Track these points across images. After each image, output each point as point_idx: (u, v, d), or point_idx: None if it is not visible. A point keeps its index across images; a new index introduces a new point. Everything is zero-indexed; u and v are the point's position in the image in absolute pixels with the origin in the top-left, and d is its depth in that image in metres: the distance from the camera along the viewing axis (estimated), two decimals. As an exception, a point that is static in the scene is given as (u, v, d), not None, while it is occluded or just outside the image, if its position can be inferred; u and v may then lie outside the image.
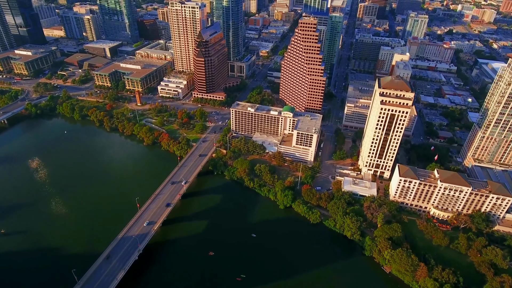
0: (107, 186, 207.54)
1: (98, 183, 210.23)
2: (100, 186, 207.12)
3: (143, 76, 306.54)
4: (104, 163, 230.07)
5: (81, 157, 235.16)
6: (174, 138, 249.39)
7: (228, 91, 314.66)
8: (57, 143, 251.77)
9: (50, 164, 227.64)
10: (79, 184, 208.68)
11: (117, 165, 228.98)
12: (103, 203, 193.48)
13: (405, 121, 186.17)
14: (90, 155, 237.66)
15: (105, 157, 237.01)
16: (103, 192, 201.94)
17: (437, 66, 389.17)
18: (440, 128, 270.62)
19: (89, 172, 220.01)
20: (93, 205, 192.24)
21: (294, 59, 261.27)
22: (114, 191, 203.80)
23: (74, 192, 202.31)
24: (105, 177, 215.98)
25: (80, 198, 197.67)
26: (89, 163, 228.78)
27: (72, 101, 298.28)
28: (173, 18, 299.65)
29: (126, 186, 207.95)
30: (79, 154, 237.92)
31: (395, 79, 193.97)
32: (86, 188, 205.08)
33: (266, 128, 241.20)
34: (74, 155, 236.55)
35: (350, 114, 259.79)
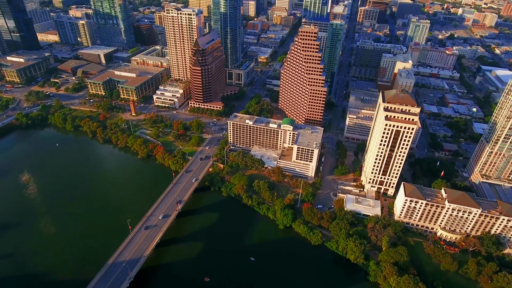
0: (98, 204, 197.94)
1: (89, 200, 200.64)
2: (91, 204, 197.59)
3: (138, 84, 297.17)
4: (96, 178, 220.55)
5: (72, 172, 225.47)
6: (169, 151, 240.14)
7: (226, 100, 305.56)
8: (47, 156, 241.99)
9: (40, 179, 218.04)
10: (69, 202, 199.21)
11: (109, 180, 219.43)
12: (94, 223, 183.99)
13: (411, 137, 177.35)
14: (82, 170, 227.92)
15: (97, 171, 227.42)
16: (94, 211, 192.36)
17: (440, 73, 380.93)
18: (444, 140, 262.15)
19: (80, 188, 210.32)
20: (83, 225, 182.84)
21: (294, 68, 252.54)
22: (105, 209, 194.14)
23: (64, 210, 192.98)
24: (97, 193, 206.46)
25: (70, 217, 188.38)
26: (80, 179, 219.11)
27: (65, 110, 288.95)
28: (169, 25, 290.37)
29: (119, 204, 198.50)
30: (70, 169, 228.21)
31: (400, 93, 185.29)
32: (76, 206, 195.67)
33: (265, 141, 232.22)
34: (65, 170, 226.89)
35: (352, 125, 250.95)
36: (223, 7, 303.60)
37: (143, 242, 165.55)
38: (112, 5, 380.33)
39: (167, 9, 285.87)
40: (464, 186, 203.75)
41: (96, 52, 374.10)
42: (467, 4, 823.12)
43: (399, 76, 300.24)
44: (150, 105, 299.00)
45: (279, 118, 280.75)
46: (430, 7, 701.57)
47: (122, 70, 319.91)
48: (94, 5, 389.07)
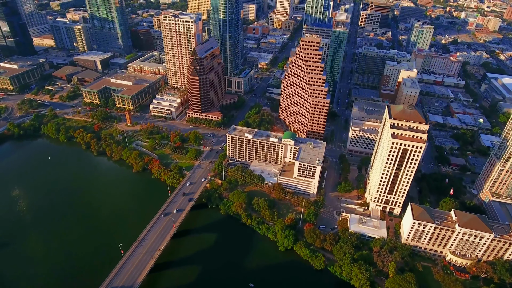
0: (89, 224, 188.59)
1: (80, 220, 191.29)
2: (82, 224, 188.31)
3: (134, 93, 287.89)
4: (89, 194, 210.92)
5: (63, 188, 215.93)
6: (165, 164, 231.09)
7: (225, 109, 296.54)
8: (39, 170, 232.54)
9: (29, 195, 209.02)
10: (59, 221, 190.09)
11: (102, 196, 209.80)
12: (84, 245, 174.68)
13: (419, 156, 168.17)
14: (74, 186, 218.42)
15: (90, 187, 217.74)
16: (84, 232, 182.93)
17: (444, 80, 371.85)
18: (451, 153, 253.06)
19: (71, 206, 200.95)
20: (72, 248, 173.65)
21: (295, 78, 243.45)
22: (97, 230, 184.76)
23: (53, 230, 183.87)
24: (88, 212, 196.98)
25: (59, 238, 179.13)
26: (72, 196, 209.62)
27: (58, 120, 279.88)
28: (166, 32, 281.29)
29: (111, 223, 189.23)
30: (62, 185, 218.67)
31: (407, 109, 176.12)
32: (66, 226, 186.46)
33: (265, 156, 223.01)
34: (56, 186, 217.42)
35: (356, 138, 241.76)
36: (222, 14, 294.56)
37: (135, 267, 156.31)
38: (109, 10, 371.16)
39: (164, 15, 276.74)
40: (474, 206, 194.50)
41: (92, 58, 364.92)
42: (469, 7, 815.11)
43: (403, 86, 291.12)
44: (147, 114, 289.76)
45: (279, 129, 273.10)
46: (432, 11, 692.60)
47: (118, 78, 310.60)
48: (90, 10, 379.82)
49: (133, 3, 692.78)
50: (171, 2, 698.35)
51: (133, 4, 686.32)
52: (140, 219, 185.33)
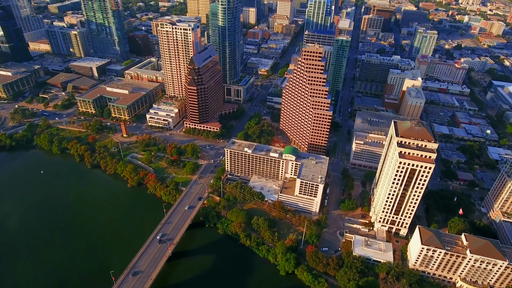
0: (80, 245, 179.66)
1: (71, 240, 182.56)
2: (73, 246, 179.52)
3: (130, 103, 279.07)
4: (81, 212, 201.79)
5: (55, 204, 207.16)
6: (162, 178, 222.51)
7: (224, 119, 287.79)
8: (30, 184, 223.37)
9: (18, 213, 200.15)
10: (49, 242, 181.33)
11: (95, 214, 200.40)
12: (73, 271, 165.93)
13: (428, 176, 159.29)
14: (66, 202, 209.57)
15: (82, 204, 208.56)
16: (74, 256, 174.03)
17: (449, 88, 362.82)
18: (458, 166, 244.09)
19: (62, 225, 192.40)
20: (60, 274, 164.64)
21: (297, 89, 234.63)
22: (88, 252, 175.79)
23: (42, 252, 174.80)
24: (80, 232, 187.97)
25: (48, 262, 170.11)
26: (64, 213, 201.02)
27: (52, 130, 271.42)
28: (164, 40, 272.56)
29: (103, 245, 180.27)
30: (53, 201, 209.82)
31: (415, 126, 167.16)
32: (55, 248, 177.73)
33: (265, 171, 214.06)
34: (47, 202, 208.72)
35: (359, 151, 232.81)
36: (221, 21, 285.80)
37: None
38: (105, 15, 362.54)
39: (161, 23, 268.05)
40: (484, 226, 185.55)
41: (88, 64, 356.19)
42: (472, 10, 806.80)
43: (408, 95, 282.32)
44: (143, 124, 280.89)
45: (280, 140, 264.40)
46: (435, 14, 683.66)
47: (114, 86, 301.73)
48: (87, 15, 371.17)
49: (132, 6, 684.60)
50: (171, 5, 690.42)
51: (132, 7, 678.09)
52: (134, 240, 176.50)
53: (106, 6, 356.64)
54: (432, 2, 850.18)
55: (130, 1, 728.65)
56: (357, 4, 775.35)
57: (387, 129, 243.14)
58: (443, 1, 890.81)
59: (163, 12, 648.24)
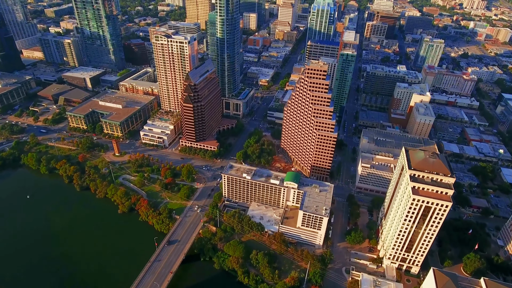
0: (64, 285, 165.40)
1: (55, 277, 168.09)
2: (56, 285, 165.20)
3: (123, 119, 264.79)
4: (66, 243, 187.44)
5: (40, 233, 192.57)
6: (154, 204, 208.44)
7: (222, 136, 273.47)
8: (14, 211, 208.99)
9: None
10: (30, 279, 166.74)
11: (82, 245, 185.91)
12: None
13: (444, 215, 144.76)
14: (52, 230, 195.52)
15: (68, 233, 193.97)
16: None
17: (457, 101, 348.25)
18: (470, 190, 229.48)
19: (46, 257, 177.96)
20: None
21: (299, 108, 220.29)
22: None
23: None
24: (64, 267, 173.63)
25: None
26: (48, 243, 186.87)
27: (40, 147, 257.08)
28: (159, 53, 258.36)
29: (89, 283, 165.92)
30: (38, 230, 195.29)
31: (429, 157, 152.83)
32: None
33: (265, 198, 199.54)
34: (30, 233, 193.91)
35: (365, 175, 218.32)
36: (220, 33, 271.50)
37: None
38: (100, 23, 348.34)
39: (156, 35, 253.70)
40: (502, 263, 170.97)
41: (82, 75, 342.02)
42: (477, 15, 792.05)
43: (416, 112, 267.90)
44: (137, 141, 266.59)
45: (281, 160, 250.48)
46: (440, 20, 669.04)
47: (107, 100, 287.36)
48: (81, 23, 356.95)
49: (131, 10, 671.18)
50: (170, 10, 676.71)
51: (130, 11, 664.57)
52: (123, 276, 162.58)
53: (101, 14, 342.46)
54: (436, 7, 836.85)
55: (129, 5, 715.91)
56: (360, 9, 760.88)
57: (394, 150, 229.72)
58: (447, 6, 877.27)
59: (162, 17, 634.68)
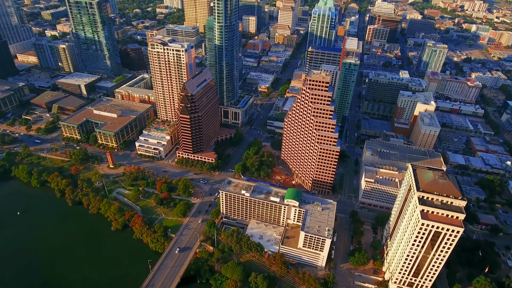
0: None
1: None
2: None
3: (118, 129, 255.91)
4: (56, 264, 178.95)
5: (28, 253, 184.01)
6: (149, 220, 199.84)
7: (220, 146, 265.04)
8: (3, 227, 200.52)
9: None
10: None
11: (71, 267, 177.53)
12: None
13: (454, 241, 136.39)
14: (41, 249, 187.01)
15: (59, 252, 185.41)
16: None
17: (462, 108, 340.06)
18: (477, 205, 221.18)
19: (33, 283, 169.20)
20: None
21: (300, 120, 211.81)
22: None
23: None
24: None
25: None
26: (37, 264, 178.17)
27: (32, 159, 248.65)
28: (155, 61, 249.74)
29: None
30: (27, 249, 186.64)
31: (439, 178, 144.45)
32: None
33: (265, 215, 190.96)
34: (20, 250, 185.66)
35: (369, 190, 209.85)
36: (218, 40, 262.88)
37: None
38: (95, 28, 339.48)
39: (151, 43, 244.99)
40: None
41: (77, 82, 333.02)
42: (478, 17, 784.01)
43: (420, 122, 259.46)
44: (132, 152, 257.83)
45: (281, 172, 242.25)
46: (441, 23, 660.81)
47: (101, 109, 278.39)
48: (75, 28, 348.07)
49: (129, 13, 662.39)
50: (168, 12, 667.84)
51: (128, 13, 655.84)
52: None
53: (96, 19, 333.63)
54: (437, 9, 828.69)
55: (127, 7, 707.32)
56: (360, 11, 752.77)
57: (399, 163, 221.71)
58: (448, 8, 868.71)
59: (160, 19, 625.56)
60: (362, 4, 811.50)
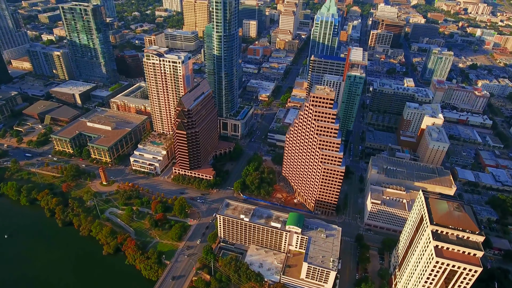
0: None
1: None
2: None
3: (112, 143, 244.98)
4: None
5: (12, 284, 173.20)
6: (143, 244, 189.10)
7: (219, 161, 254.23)
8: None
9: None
10: None
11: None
12: None
13: (472, 280, 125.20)
14: (27, 277, 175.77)
15: (45, 281, 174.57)
16: None
17: (469, 119, 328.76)
18: (489, 227, 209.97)
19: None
20: None
21: (303, 138, 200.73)
22: None
23: None
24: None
25: None
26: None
27: (22, 174, 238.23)
28: (150, 73, 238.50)
29: None
30: (13, 279, 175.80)
31: (454, 211, 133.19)
32: None
33: (265, 241, 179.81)
34: (4, 280, 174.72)
35: (375, 212, 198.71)
36: (217, 50, 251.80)
37: None
38: (90, 36, 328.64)
39: (146, 54, 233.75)
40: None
41: (71, 91, 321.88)
42: (482, 21, 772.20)
43: (428, 136, 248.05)
44: (127, 167, 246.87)
45: (282, 190, 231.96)
46: (445, 27, 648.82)
47: (95, 121, 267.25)
48: (70, 35, 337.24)
49: (127, 16, 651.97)
50: (167, 15, 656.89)
51: (126, 17, 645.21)
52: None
53: (91, 26, 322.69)
54: (440, 12, 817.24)
55: (125, 10, 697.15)
56: (362, 14, 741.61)
57: (406, 182, 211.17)
58: (451, 11, 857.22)
59: (159, 23, 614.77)
60: (364, 7, 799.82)
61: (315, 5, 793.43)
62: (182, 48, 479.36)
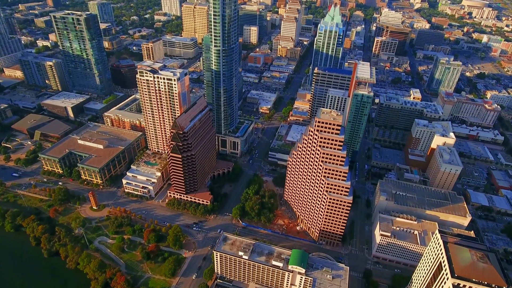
0: None
1: None
2: None
3: (104, 164, 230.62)
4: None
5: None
6: (134, 279, 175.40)
7: (217, 182, 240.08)
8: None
9: None
10: None
11: None
12: None
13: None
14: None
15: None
16: None
17: (479, 134, 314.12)
18: (506, 259, 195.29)
19: None
20: None
21: (307, 164, 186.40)
22: None
23: None
24: None
25: None
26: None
27: (8, 196, 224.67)
28: (144, 90, 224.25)
29: None
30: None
31: (478, 261, 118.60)
32: None
33: (265, 280, 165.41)
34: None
35: (385, 244, 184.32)
36: (215, 65, 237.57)
37: None
38: (83, 46, 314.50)
39: (140, 70, 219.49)
40: None
41: (63, 103, 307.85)
42: (487, 25, 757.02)
43: (439, 157, 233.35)
44: (119, 189, 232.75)
45: (284, 216, 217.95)
46: (451, 33, 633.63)
47: (87, 138, 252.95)
48: (62, 45, 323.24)
49: (125, 20, 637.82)
50: (166, 20, 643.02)
51: (125, 21, 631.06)
52: None
53: (84, 36, 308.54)
54: (445, 16, 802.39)
55: (124, 14, 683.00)
56: (366, 19, 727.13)
57: (417, 210, 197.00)
58: (456, 15, 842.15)
59: (158, 27, 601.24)
60: (368, 11, 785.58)
61: (317, 9, 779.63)
62: (181, 55, 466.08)
